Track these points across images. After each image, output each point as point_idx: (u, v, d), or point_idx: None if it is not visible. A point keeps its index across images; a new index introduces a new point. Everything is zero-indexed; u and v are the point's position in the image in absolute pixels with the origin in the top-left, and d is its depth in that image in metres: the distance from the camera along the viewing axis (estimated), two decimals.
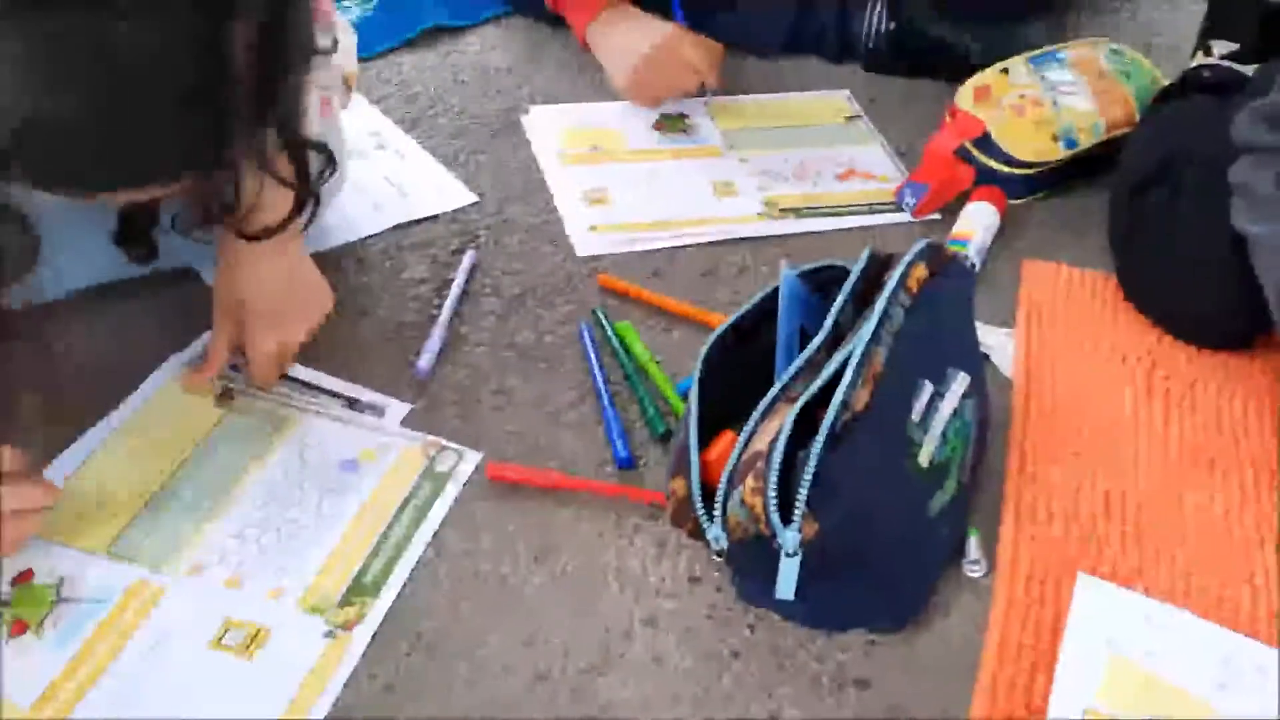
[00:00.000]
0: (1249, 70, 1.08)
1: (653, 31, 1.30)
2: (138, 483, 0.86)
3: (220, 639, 0.76)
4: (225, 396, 0.94)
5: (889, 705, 0.76)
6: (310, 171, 0.81)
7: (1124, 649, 0.77)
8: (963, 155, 1.21)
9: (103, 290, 1.01)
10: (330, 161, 0.84)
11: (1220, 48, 1.17)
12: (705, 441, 0.82)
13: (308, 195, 0.83)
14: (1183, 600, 0.82)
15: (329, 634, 0.77)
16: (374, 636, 0.78)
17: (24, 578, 0.79)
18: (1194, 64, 1.17)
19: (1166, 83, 1.20)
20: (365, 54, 1.37)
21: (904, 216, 1.21)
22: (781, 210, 1.20)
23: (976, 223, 1.15)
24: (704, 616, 0.81)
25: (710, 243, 1.15)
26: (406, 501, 0.87)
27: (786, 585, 0.77)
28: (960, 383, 0.87)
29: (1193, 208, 0.99)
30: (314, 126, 0.91)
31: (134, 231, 0.93)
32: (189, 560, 0.81)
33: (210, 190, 0.81)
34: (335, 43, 0.91)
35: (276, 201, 0.83)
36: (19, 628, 0.76)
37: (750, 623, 0.81)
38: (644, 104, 1.33)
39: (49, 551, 0.81)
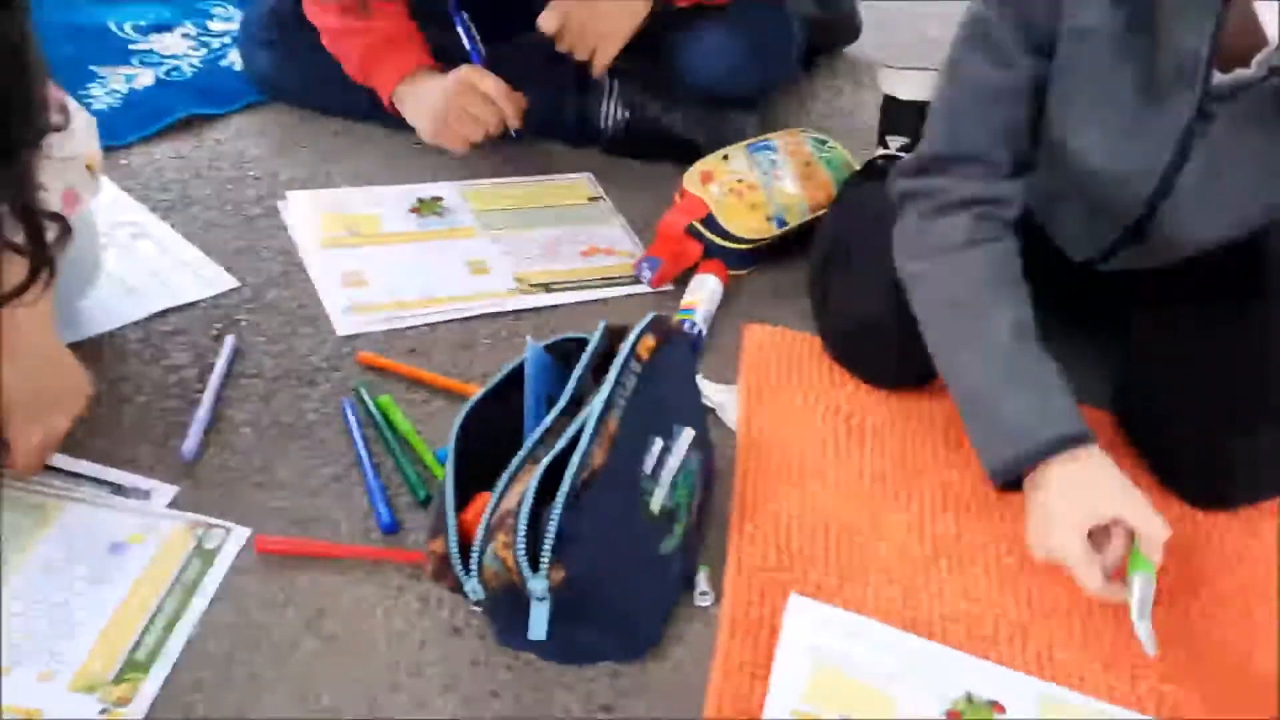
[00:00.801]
0: None
1: (449, 79, 1.39)
2: None
3: None
4: None
5: None
6: (46, 239, 0.84)
7: (827, 656, 0.91)
8: (691, 232, 1.36)
9: None
10: (66, 231, 0.87)
11: (894, 141, 1.39)
12: (463, 504, 0.90)
13: (44, 263, 0.85)
14: (873, 610, 0.97)
15: (104, 711, 0.80)
16: (149, 711, 0.81)
17: None
18: (875, 154, 1.37)
19: (858, 168, 1.41)
20: (117, 142, 1.39)
21: (642, 288, 1.34)
22: (532, 285, 1.31)
23: (703, 292, 1.30)
24: (467, 663, 0.89)
25: (466, 318, 1.24)
26: (176, 579, 0.91)
27: (538, 627, 0.86)
28: (686, 437, 1.00)
29: (861, 276, 1.17)
30: (53, 204, 0.94)
31: None
32: None
33: None
34: (68, 117, 0.94)
35: (12, 270, 0.85)
36: None
37: (508, 664, 0.90)
38: (453, 146, 1.41)
39: None
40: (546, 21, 1.38)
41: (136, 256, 1.24)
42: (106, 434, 1.02)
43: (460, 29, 1.42)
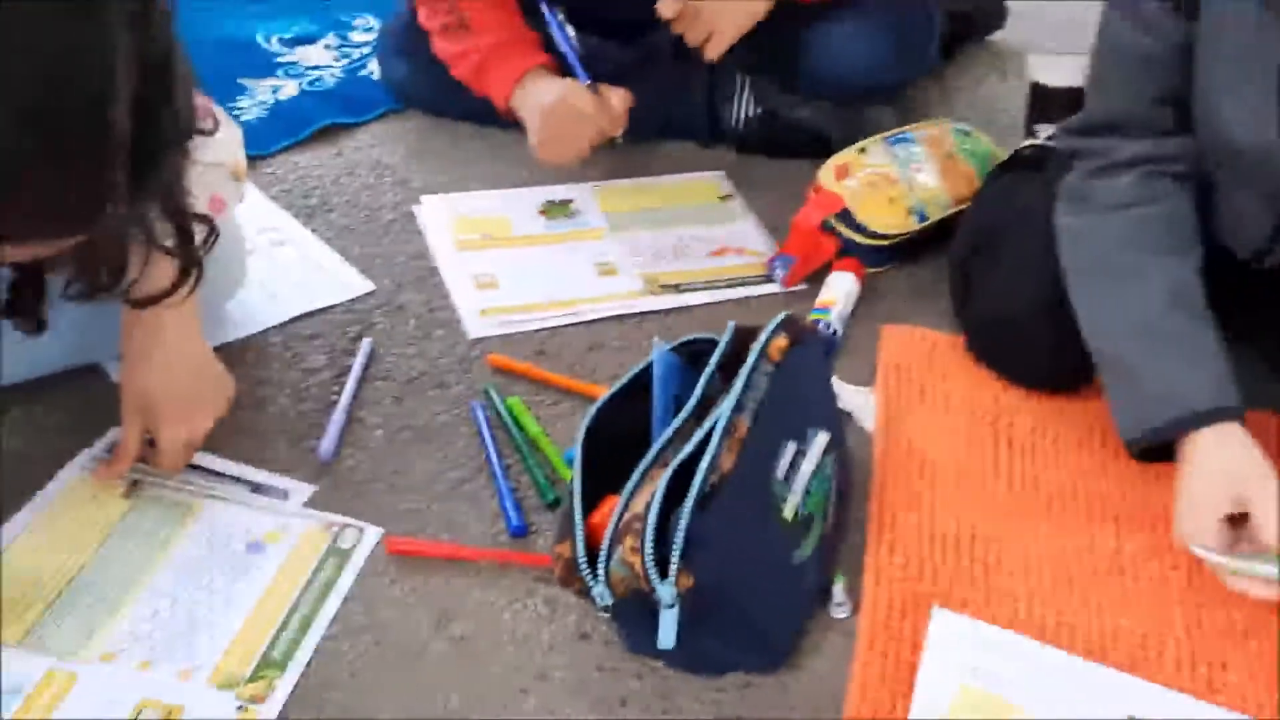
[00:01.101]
0: None
1: (555, 88, 1.37)
2: (50, 575, 0.90)
3: None
4: (133, 486, 0.98)
5: None
6: (194, 240, 0.86)
7: (973, 675, 0.86)
8: (826, 229, 1.32)
9: (9, 390, 1.05)
10: (213, 233, 0.89)
11: (1043, 130, 1.31)
12: (591, 507, 0.89)
13: (192, 264, 0.88)
14: (1025, 627, 0.91)
15: (240, 708, 0.82)
16: (282, 710, 0.82)
17: None
18: (1023, 144, 1.30)
19: (1003, 159, 1.34)
20: (263, 151, 1.44)
21: (774, 288, 1.31)
22: (661, 286, 1.29)
23: (839, 291, 1.26)
24: (594, 669, 0.88)
25: (594, 320, 1.23)
26: (311, 578, 0.92)
27: (667, 635, 0.84)
28: (820, 441, 0.96)
29: (1013, 271, 1.11)
30: (200, 209, 0.97)
31: (23, 302, 0.93)
32: (101, 647, 0.85)
33: (96, 255, 0.84)
34: (216, 124, 0.97)
35: (163, 271, 0.88)
36: None
37: (637, 672, 0.87)
38: (556, 161, 1.40)
39: None
40: (665, 6, 1.36)
41: (278, 262, 1.27)
42: (247, 434, 1.05)
43: (554, 30, 1.40)
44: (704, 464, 0.86)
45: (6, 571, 0.89)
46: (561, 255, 1.33)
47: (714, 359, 0.97)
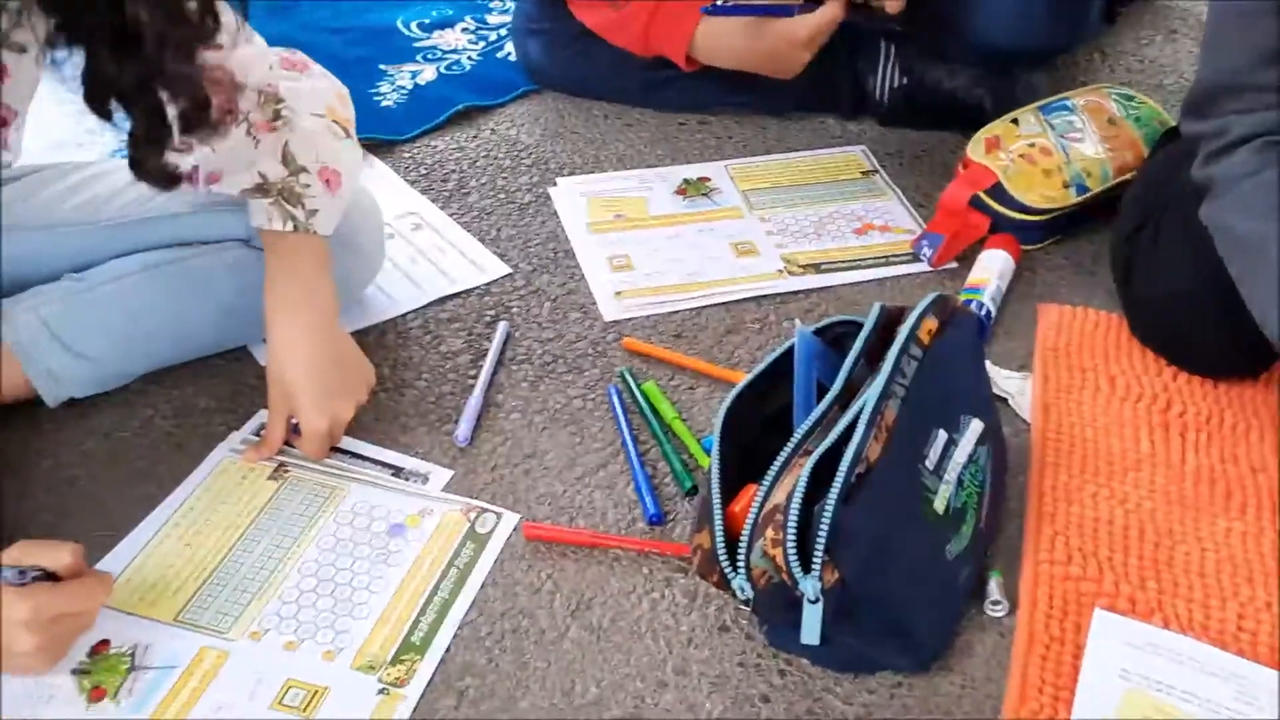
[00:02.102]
0: None
1: (736, 25, 1.35)
2: (201, 554, 0.92)
3: (281, 699, 0.82)
4: (279, 469, 1.00)
5: None
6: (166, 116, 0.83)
7: (1139, 681, 0.80)
8: (977, 205, 1.25)
9: (161, 374, 1.08)
10: (204, 113, 0.85)
11: None
12: (730, 495, 0.86)
13: (155, 139, 0.84)
14: (1200, 631, 0.84)
15: (381, 691, 0.82)
16: (422, 693, 0.83)
17: (101, 647, 0.85)
18: None
19: (1173, 124, 1.24)
20: (402, 136, 1.45)
21: (921, 267, 1.25)
22: (801, 266, 1.25)
23: (991, 270, 1.19)
24: (735, 664, 0.85)
25: (732, 302, 1.20)
26: (450, 563, 0.92)
27: (810, 631, 0.81)
28: (973, 429, 0.91)
29: (1178, 246, 1.03)
30: (315, 189, 0.98)
31: (144, 154, 0.88)
32: (250, 625, 0.87)
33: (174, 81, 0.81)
34: (235, 39, 0.89)
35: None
36: (98, 694, 0.81)
37: (780, 668, 0.84)
38: (796, 67, 1.37)
39: (122, 621, 0.86)
40: None
41: (417, 246, 1.28)
42: (388, 418, 1.06)
43: None
44: (849, 454, 0.82)
45: (160, 551, 0.92)
46: (698, 235, 1.30)
47: (859, 342, 0.92)
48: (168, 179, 0.88)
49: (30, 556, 0.79)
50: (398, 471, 1.01)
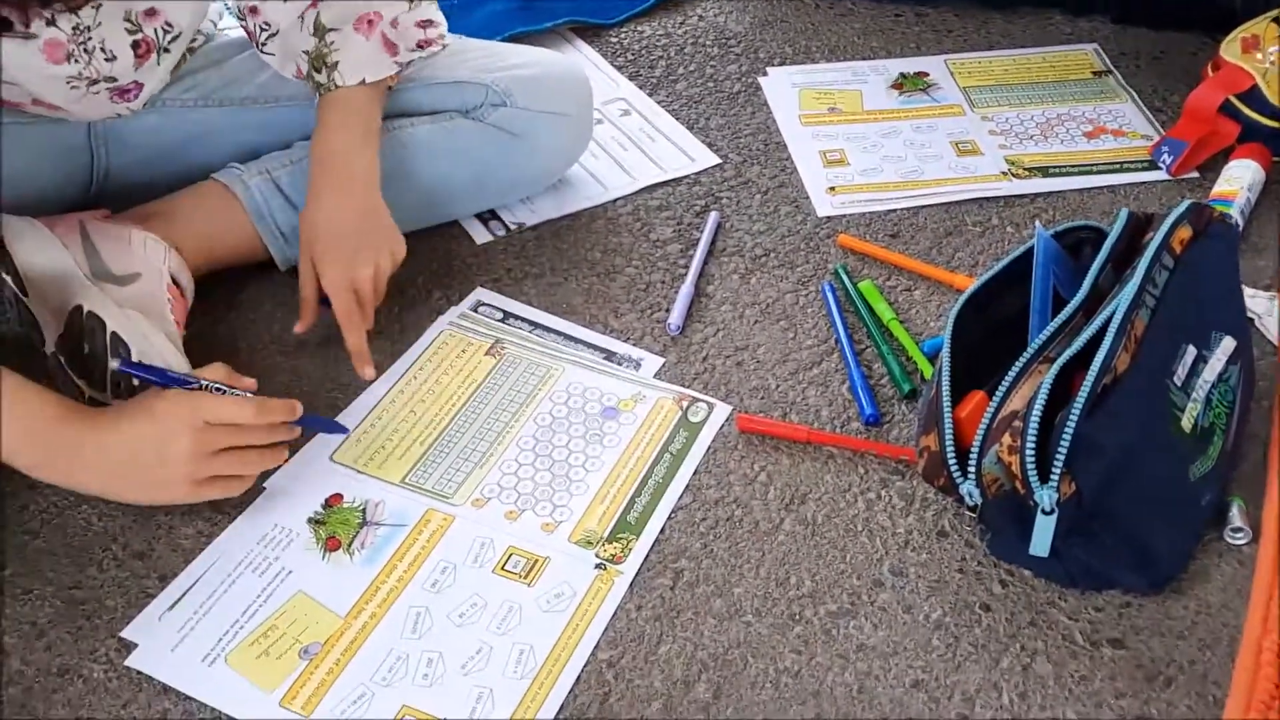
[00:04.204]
0: None
1: None
2: (425, 422, 0.95)
3: (504, 565, 0.84)
4: (496, 346, 1.02)
5: (1142, 666, 0.77)
6: None
7: None
8: (1227, 110, 1.16)
9: None
10: None
11: None
12: (955, 400, 0.83)
13: None
14: None
15: (599, 565, 0.84)
16: (638, 571, 0.84)
17: (335, 500, 0.89)
18: None
19: None
20: (608, 20, 1.43)
21: (1157, 175, 1.17)
22: (1027, 169, 1.19)
23: (1240, 182, 1.11)
24: (954, 569, 0.83)
25: (951, 203, 1.15)
26: (664, 448, 0.92)
27: (1041, 543, 0.78)
28: (1225, 347, 0.86)
29: None
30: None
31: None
32: (472, 493, 0.89)
33: None
34: None
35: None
36: (333, 543, 0.86)
37: (1001, 578, 0.82)
38: None
39: (353, 478, 0.90)
40: None
41: (625, 132, 1.27)
42: (599, 302, 1.06)
43: None
44: (1097, 364, 0.78)
45: (385, 417, 0.95)
46: (916, 133, 1.24)
47: (1106, 247, 0.88)
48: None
49: (217, 374, 0.85)
50: (610, 355, 1.01)
